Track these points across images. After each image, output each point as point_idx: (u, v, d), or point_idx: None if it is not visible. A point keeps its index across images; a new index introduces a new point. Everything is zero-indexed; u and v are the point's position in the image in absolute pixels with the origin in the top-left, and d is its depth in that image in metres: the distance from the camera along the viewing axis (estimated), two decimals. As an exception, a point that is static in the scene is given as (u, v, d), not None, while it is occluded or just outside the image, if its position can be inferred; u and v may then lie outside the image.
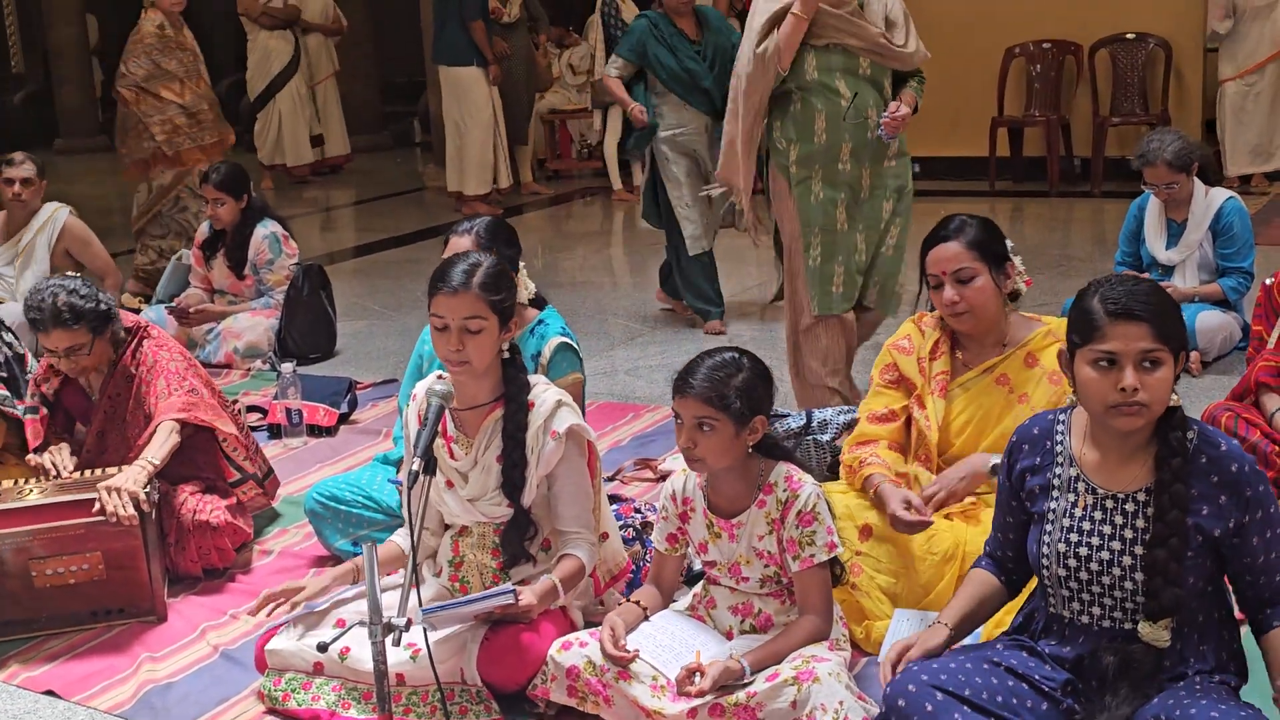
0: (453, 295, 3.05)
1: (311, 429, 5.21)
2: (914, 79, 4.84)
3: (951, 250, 3.39)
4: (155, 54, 7.55)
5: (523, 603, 2.97)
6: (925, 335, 3.57)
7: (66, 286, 3.85)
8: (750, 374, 2.95)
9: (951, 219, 3.49)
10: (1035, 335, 3.46)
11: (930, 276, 3.45)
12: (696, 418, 2.92)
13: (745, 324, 6.79)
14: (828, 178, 4.73)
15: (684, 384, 2.95)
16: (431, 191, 11.96)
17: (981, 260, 3.38)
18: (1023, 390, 3.42)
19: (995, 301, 3.41)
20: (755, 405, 2.94)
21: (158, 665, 3.42)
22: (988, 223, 3.48)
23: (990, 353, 3.47)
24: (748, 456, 3.01)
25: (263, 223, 6.24)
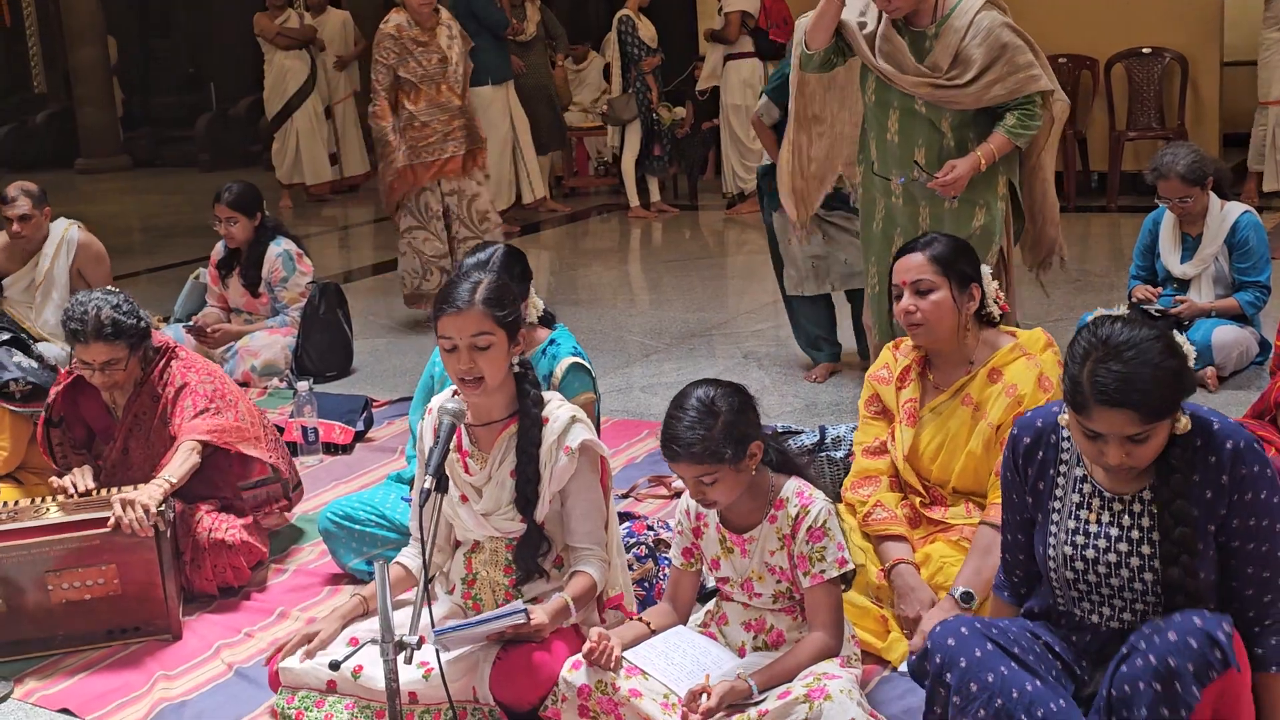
0: (458, 315, 3.06)
1: (327, 447, 5.24)
2: (1014, 112, 4.47)
3: (914, 261, 3.42)
4: (392, 59, 6.96)
5: (534, 622, 2.97)
6: (898, 361, 3.58)
7: (110, 301, 3.88)
8: (729, 413, 2.91)
9: (926, 234, 3.55)
10: (1001, 351, 3.46)
11: (894, 286, 3.47)
12: (694, 477, 2.94)
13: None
14: (887, 209, 4.67)
15: (670, 450, 2.94)
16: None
17: (943, 275, 3.39)
18: (984, 408, 3.41)
19: (951, 318, 3.40)
20: (744, 440, 2.93)
21: (172, 683, 3.44)
22: (961, 244, 3.50)
23: (959, 373, 3.47)
24: (756, 475, 3.03)
25: (276, 241, 6.28)
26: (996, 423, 3.35)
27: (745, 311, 7.49)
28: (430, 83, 7.02)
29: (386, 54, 6.97)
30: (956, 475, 3.45)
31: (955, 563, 3.34)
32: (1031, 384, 3.34)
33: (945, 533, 3.46)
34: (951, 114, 4.50)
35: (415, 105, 7.00)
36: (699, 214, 11.35)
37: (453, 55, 7.08)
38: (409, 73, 6.98)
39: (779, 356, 6.33)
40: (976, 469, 3.42)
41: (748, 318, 7.30)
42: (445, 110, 7.06)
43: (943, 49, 4.43)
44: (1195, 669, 2.40)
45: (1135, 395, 2.40)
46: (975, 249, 4.69)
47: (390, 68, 6.96)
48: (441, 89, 7.05)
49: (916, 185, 4.57)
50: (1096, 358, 2.44)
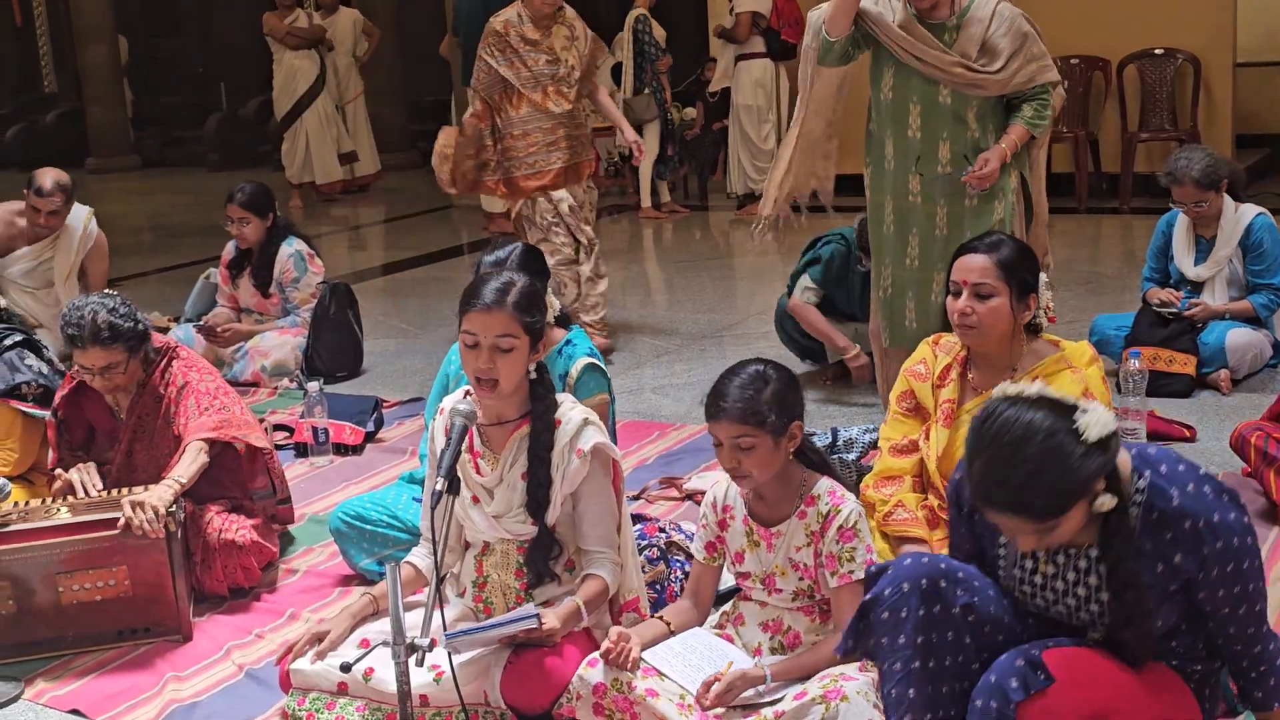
0: (486, 313, 3.04)
1: (338, 448, 5.23)
2: (1030, 103, 4.50)
3: (979, 262, 3.37)
4: (495, 57, 6.32)
5: (546, 626, 2.95)
6: (937, 359, 3.55)
7: (106, 305, 3.86)
8: (779, 384, 2.95)
9: (993, 233, 3.49)
10: (1046, 361, 3.42)
11: (952, 283, 3.42)
12: (734, 438, 2.92)
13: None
14: (899, 210, 4.62)
15: (716, 407, 2.95)
16: (459, 210, 12.00)
17: (1005, 282, 3.34)
18: None
19: (1006, 325, 3.37)
20: (789, 413, 2.95)
21: (183, 685, 3.43)
22: (1027, 250, 3.44)
23: (1000, 377, 3.41)
24: (789, 464, 3.02)
25: (288, 241, 6.27)
26: None
27: (756, 313, 7.47)
28: (535, 86, 6.32)
29: (490, 52, 6.33)
30: None
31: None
32: (1077, 398, 3.30)
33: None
34: (977, 104, 4.49)
35: (516, 110, 6.36)
36: (709, 214, 11.33)
37: (568, 58, 6.39)
38: (512, 73, 6.31)
39: (790, 358, 6.29)
40: None
41: (758, 319, 7.28)
42: (549, 117, 6.36)
43: (967, 39, 4.44)
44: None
45: (1020, 504, 2.32)
46: None
47: (492, 68, 6.34)
48: (548, 92, 6.35)
49: (937, 183, 4.54)
50: (982, 460, 2.35)
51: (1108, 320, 5.76)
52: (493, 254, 3.85)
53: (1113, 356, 5.50)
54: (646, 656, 2.97)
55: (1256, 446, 4.05)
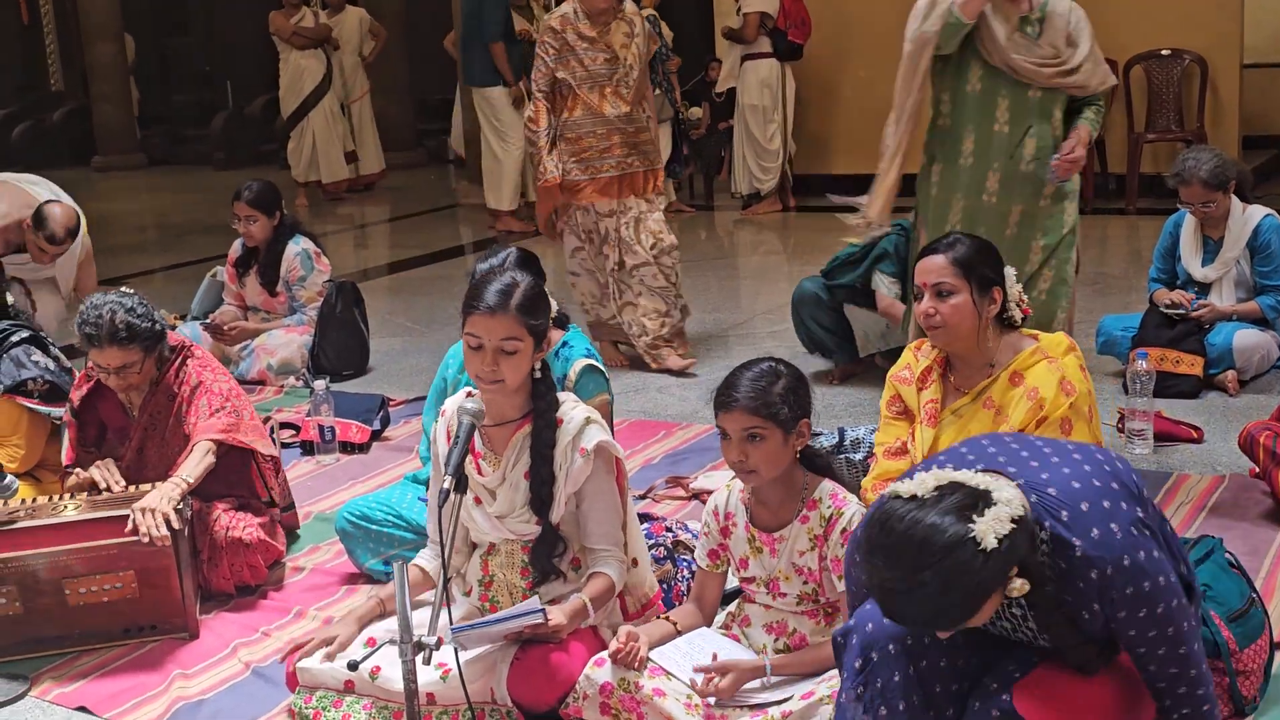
0: (490, 316, 3.04)
1: (344, 446, 5.23)
2: (1090, 107, 4.65)
3: (936, 263, 3.37)
4: (550, 55, 5.94)
5: (552, 622, 2.95)
6: (919, 362, 3.56)
7: (124, 304, 3.86)
8: (790, 379, 2.97)
9: (950, 234, 3.49)
10: (1023, 354, 3.41)
11: (915, 288, 3.44)
12: (744, 429, 2.93)
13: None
14: (969, 210, 4.62)
15: (727, 398, 2.96)
16: (465, 208, 12.01)
17: (964, 278, 3.34)
18: (1006, 411, 3.38)
19: (970, 321, 3.36)
20: (800, 409, 2.96)
21: (189, 682, 3.43)
22: (985, 246, 3.45)
23: (980, 375, 3.43)
24: (792, 467, 3.02)
25: (294, 239, 6.27)
26: (1018, 426, 3.32)
27: (762, 312, 7.47)
28: (591, 86, 5.93)
29: (546, 49, 5.96)
30: None
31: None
32: (1054, 387, 3.31)
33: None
34: (1063, 99, 4.60)
35: (572, 112, 5.99)
36: (715, 214, 11.33)
37: (627, 56, 5.99)
38: (568, 73, 5.94)
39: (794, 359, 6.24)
40: None
41: (764, 319, 7.28)
42: (604, 121, 5.97)
43: (1054, 32, 4.56)
44: None
45: (927, 621, 2.27)
46: (1067, 248, 4.70)
47: (548, 66, 5.97)
48: (605, 93, 5.95)
49: (1016, 179, 4.56)
50: (880, 578, 2.24)
51: (1115, 321, 5.75)
52: (486, 261, 3.84)
53: (1119, 357, 5.50)
54: (653, 656, 2.98)
55: (1265, 446, 4.04)
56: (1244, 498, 4.22)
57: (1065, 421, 3.28)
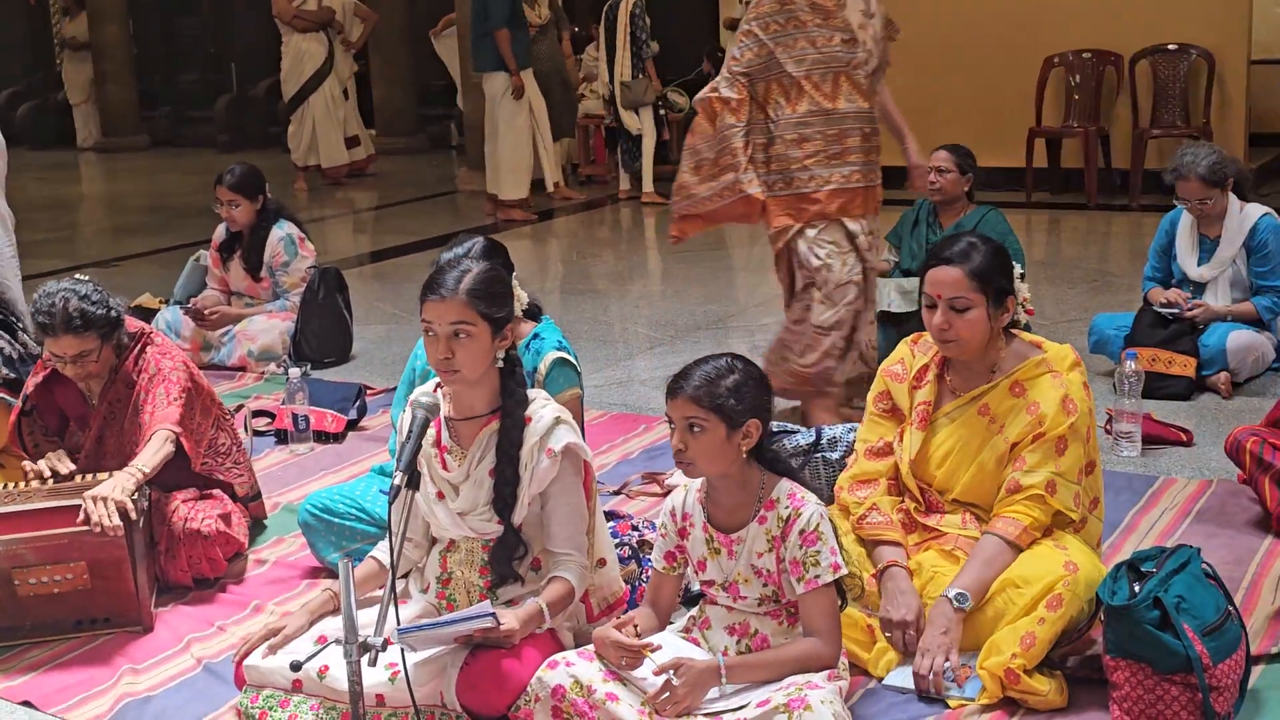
0: (440, 301, 2.97)
1: (319, 435, 5.14)
2: None
3: (951, 275, 3.24)
4: (772, 31, 4.65)
5: (504, 627, 2.87)
6: (915, 358, 3.44)
7: (78, 292, 3.77)
8: (742, 376, 2.89)
9: (959, 238, 3.33)
10: (1027, 363, 3.30)
11: (926, 296, 3.30)
12: (686, 418, 2.86)
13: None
14: None
15: (675, 385, 2.90)
16: (464, 195, 11.91)
17: (980, 292, 3.22)
18: (1002, 421, 3.27)
19: (985, 334, 3.26)
20: (747, 408, 2.87)
21: (138, 678, 3.35)
22: (998, 251, 3.31)
23: (979, 380, 3.32)
24: (746, 467, 2.94)
25: (279, 224, 6.18)
26: (1014, 440, 3.22)
27: (756, 304, 7.37)
28: (824, 74, 4.66)
29: (764, 24, 4.67)
30: (961, 486, 3.32)
31: (947, 573, 3.22)
32: (1055, 405, 3.20)
33: (938, 540, 3.33)
34: None
35: (793, 107, 4.67)
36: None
37: (865, 38, 4.73)
38: (793, 57, 4.65)
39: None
40: (983, 482, 3.29)
41: (758, 310, 7.18)
42: (837, 118, 4.70)
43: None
44: None
45: None
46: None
47: (765, 47, 4.66)
48: (840, 84, 4.68)
49: None
50: None
51: (1107, 320, 5.64)
52: (451, 250, 3.75)
53: (1111, 356, 5.39)
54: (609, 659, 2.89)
55: (1252, 452, 3.94)
56: (1231, 504, 4.12)
57: (1060, 441, 3.19)
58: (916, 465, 3.36)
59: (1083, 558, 3.14)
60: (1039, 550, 3.16)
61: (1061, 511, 3.20)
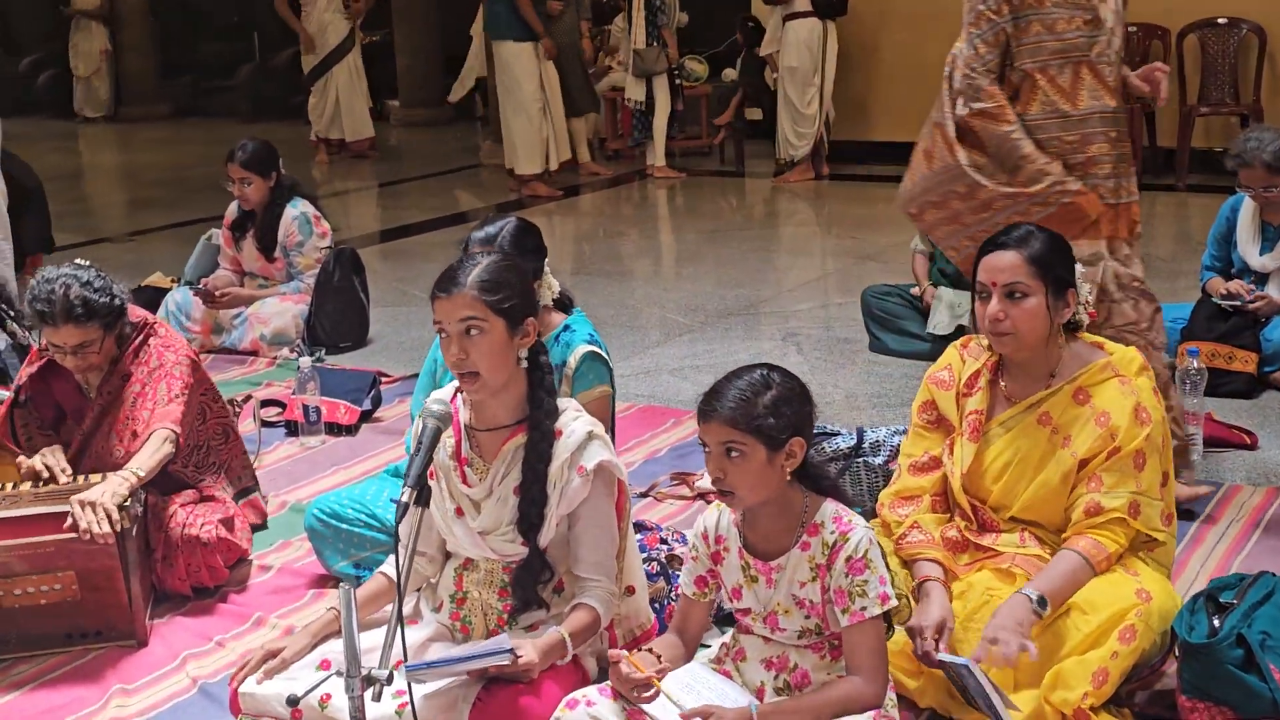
0: (447, 298, 2.73)
1: (330, 427, 4.90)
2: None
3: (1007, 260, 2.96)
4: (1005, 13, 3.84)
5: (522, 661, 2.62)
6: (965, 364, 3.16)
7: (79, 278, 3.53)
8: (781, 391, 2.60)
9: (1018, 226, 3.06)
10: (1090, 367, 3.02)
11: (979, 285, 3.03)
12: (723, 443, 2.58)
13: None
14: None
15: (706, 407, 2.62)
16: (488, 169, 11.66)
17: (1039, 279, 2.94)
18: (1066, 432, 2.99)
19: (1044, 328, 2.98)
20: (789, 425, 2.59)
21: (129, 699, 3.12)
22: (1058, 240, 3.05)
23: (1037, 385, 3.04)
24: (788, 488, 2.66)
25: (293, 202, 5.93)
26: (1083, 455, 2.94)
27: (789, 289, 7.09)
28: (1062, 65, 3.86)
29: (996, 6, 3.86)
30: (1021, 502, 3.04)
31: (1003, 595, 2.93)
32: (1127, 415, 2.92)
33: (993, 560, 3.05)
34: None
35: (1027, 106, 3.89)
36: (745, 181, 10.93)
37: (1106, 14, 3.88)
38: (1026, 45, 3.85)
39: (822, 340, 5.94)
40: (1046, 499, 3.00)
41: (791, 296, 6.91)
42: (1078, 121, 3.88)
43: None
44: None
45: None
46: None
47: (1004, 33, 3.86)
48: (1082, 79, 3.87)
49: None
50: None
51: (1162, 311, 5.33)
52: (482, 230, 3.48)
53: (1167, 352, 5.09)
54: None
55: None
56: (1304, 514, 3.85)
57: (1138, 455, 2.91)
58: (968, 480, 3.09)
59: (1155, 585, 2.87)
60: (1109, 575, 2.89)
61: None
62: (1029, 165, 3.83)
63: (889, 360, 5.54)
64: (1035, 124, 3.88)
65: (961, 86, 3.90)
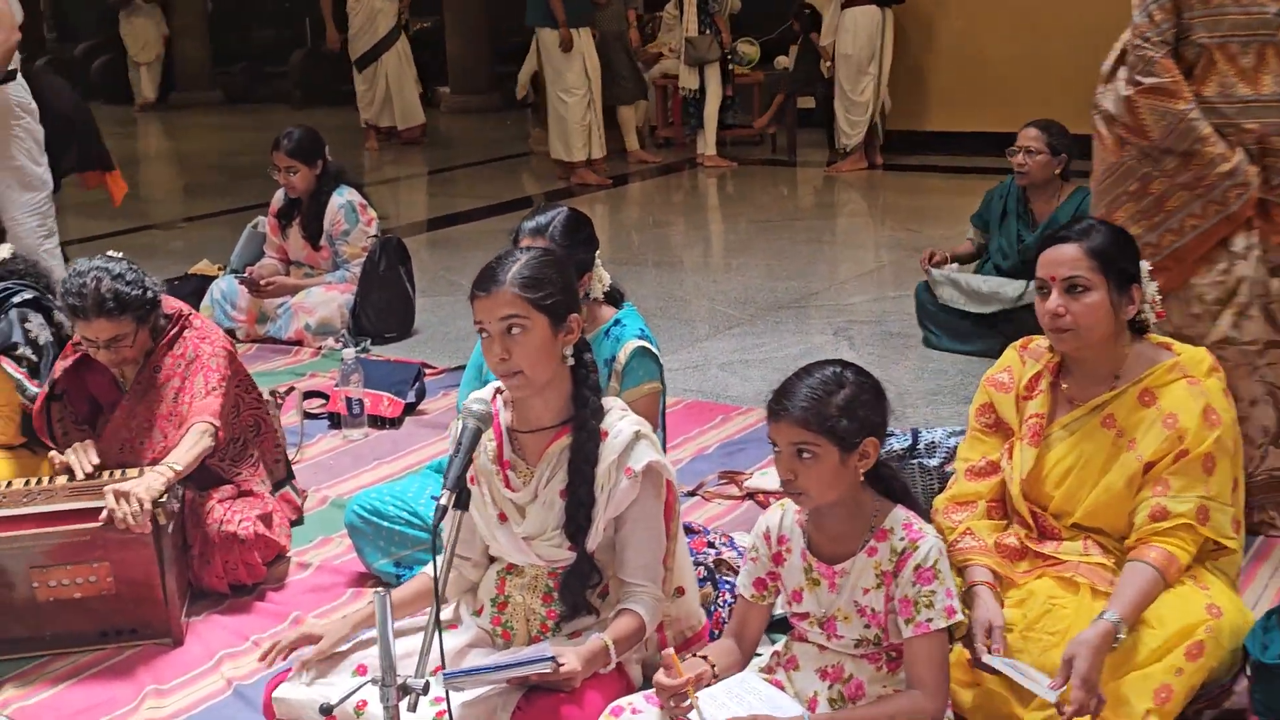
0: (487, 296, 2.63)
1: (374, 420, 4.83)
2: None
3: (1068, 254, 2.83)
4: None
5: (564, 670, 2.53)
6: (1025, 366, 3.03)
7: (111, 271, 3.47)
8: (855, 389, 2.50)
9: (1080, 218, 2.96)
10: (1157, 368, 2.87)
11: (1038, 280, 2.89)
12: (794, 444, 2.48)
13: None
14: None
15: (777, 406, 2.52)
16: (537, 157, 11.58)
17: (1101, 273, 2.81)
18: (1131, 435, 2.85)
19: (1107, 325, 2.84)
20: (863, 426, 2.49)
21: (162, 700, 3.06)
22: (1122, 234, 2.91)
23: (1101, 387, 2.90)
24: (860, 490, 2.56)
25: (339, 190, 5.86)
26: (1149, 459, 2.80)
27: (841, 281, 6.96)
28: (1245, 45, 3.47)
29: None
30: (1084, 509, 2.90)
31: (1066, 604, 2.80)
32: (1196, 417, 2.78)
33: (1055, 568, 2.92)
34: None
35: (1199, 88, 3.51)
36: (797, 170, 10.78)
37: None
38: (1206, 16, 3.49)
39: (874, 334, 5.81)
40: (1110, 505, 2.86)
41: (843, 288, 6.77)
42: (1255, 110, 3.49)
43: None
44: None
45: None
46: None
47: (1171, 13, 3.53)
48: (1267, 61, 3.46)
49: None
50: None
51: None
52: (533, 220, 3.39)
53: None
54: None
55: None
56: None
57: (1207, 459, 2.76)
58: (1028, 486, 2.96)
59: (1226, 600, 2.74)
60: (1178, 588, 2.76)
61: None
62: (1207, 150, 3.45)
63: (943, 356, 5.40)
64: (1208, 107, 3.50)
65: (1130, 60, 3.53)
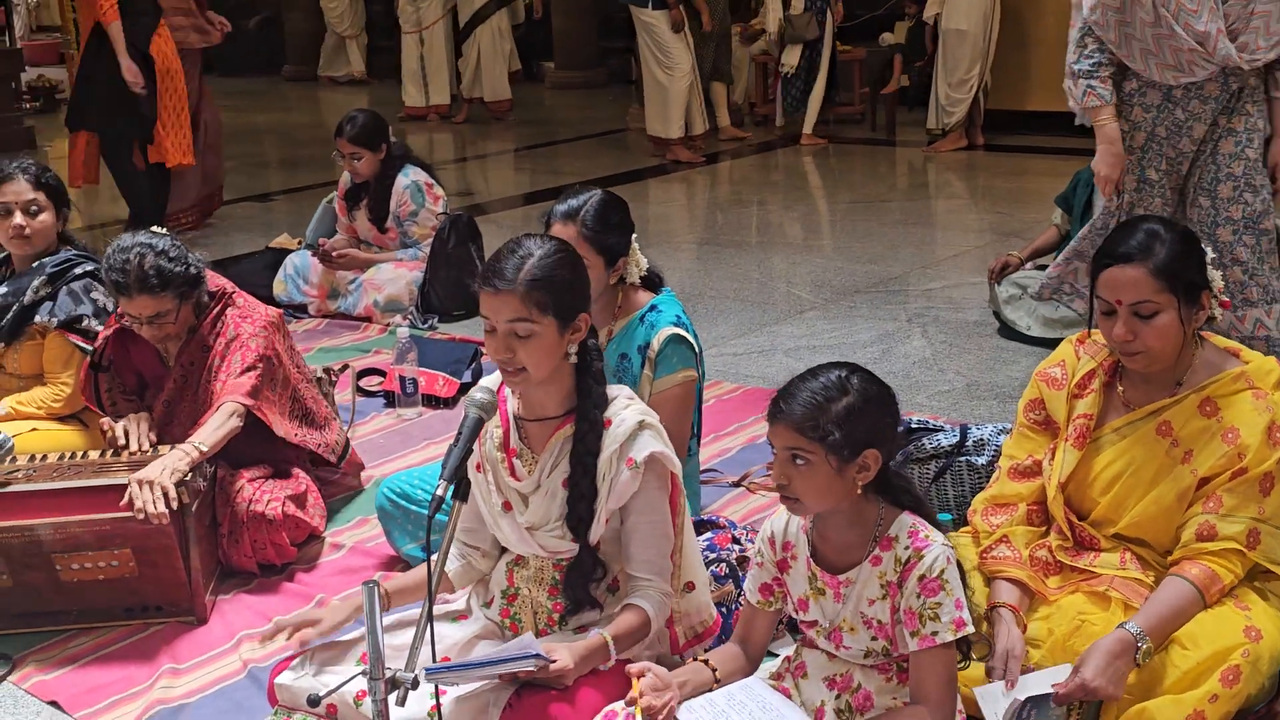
0: (495, 294, 2.53)
1: (428, 399, 4.80)
2: None
3: (1131, 276, 2.63)
4: None
5: (555, 667, 2.45)
6: (1079, 362, 2.87)
7: (155, 247, 3.47)
8: (857, 398, 2.36)
9: (1136, 228, 2.70)
10: (1222, 377, 2.69)
11: (1100, 300, 2.71)
12: (787, 448, 2.37)
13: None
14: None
15: (774, 407, 2.40)
16: (633, 133, 11.50)
17: (1169, 292, 2.62)
18: (1188, 446, 2.68)
19: (1178, 340, 2.67)
20: (863, 437, 2.36)
21: (177, 680, 3.05)
22: (1187, 237, 2.69)
23: (1160, 392, 2.73)
24: (862, 499, 2.43)
25: (404, 171, 5.84)
26: (1205, 474, 2.64)
27: (921, 266, 6.77)
28: None
29: None
30: (1129, 519, 2.74)
31: (1096, 621, 2.65)
32: (1259, 434, 2.61)
33: (1089, 582, 2.77)
34: None
35: None
36: (895, 150, 10.56)
37: None
38: None
39: (949, 322, 5.63)
40: (1157, 518, 2.71)
41: (924, 273, 6.59)
42: None
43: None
44: None
45: None
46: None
47: None
48: None
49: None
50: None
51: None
52: (565, 203, 3.31)
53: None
54: (682, 713, 2.45)
55: None
56: None
57: (1266, 479, 2.60)
58: (1072, 490, 2.80)
59: (1268, 622, 2.57)
60: (1217, 609, 2.60)
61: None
62: None
63: (1018, 347, 5.22)
64: None
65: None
